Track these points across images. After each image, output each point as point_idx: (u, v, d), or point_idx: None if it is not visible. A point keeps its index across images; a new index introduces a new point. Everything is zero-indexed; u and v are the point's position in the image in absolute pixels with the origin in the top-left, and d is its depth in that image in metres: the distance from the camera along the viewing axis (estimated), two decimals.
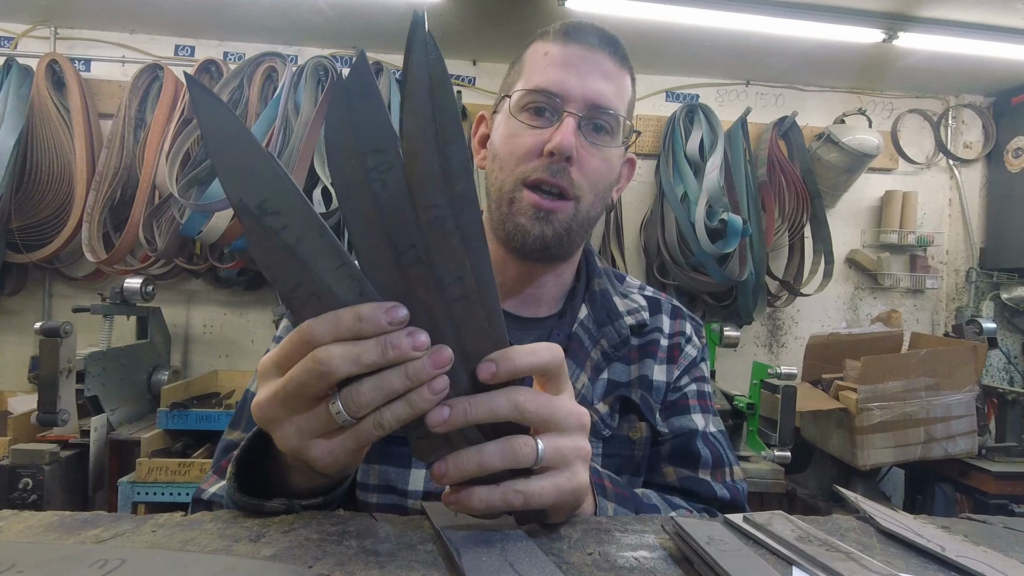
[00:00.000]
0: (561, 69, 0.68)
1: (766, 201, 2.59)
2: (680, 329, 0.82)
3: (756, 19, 2.17)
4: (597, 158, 0.69)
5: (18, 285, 2.40)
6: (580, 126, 0.68)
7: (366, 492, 0.67)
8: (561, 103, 0.67)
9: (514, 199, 0.69)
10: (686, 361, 0.80)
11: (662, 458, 0.75)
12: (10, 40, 2.45)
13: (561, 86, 0.67)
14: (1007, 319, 2.85)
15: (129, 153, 2.31)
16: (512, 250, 0.71)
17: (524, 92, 0.69)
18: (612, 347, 0.75)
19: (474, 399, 0.41)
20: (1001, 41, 2.29)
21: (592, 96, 0.68)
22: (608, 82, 0.69)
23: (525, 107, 0.69)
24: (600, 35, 0.71)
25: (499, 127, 0.73)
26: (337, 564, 0.39)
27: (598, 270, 0.81)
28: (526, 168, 0.68)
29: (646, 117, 2.72)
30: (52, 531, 0.43)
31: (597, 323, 0.75)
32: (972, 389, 2.04)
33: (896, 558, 0.46)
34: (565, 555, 0.44)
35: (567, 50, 0.69)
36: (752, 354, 2.79)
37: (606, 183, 0.72)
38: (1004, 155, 2.83)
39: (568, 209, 0.69)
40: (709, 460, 0.74)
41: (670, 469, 0.74)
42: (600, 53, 0.69)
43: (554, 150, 0.66)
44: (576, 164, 0.67)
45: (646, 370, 0.76)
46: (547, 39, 0.71)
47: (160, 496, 1.79)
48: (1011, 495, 1.98)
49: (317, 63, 2.37)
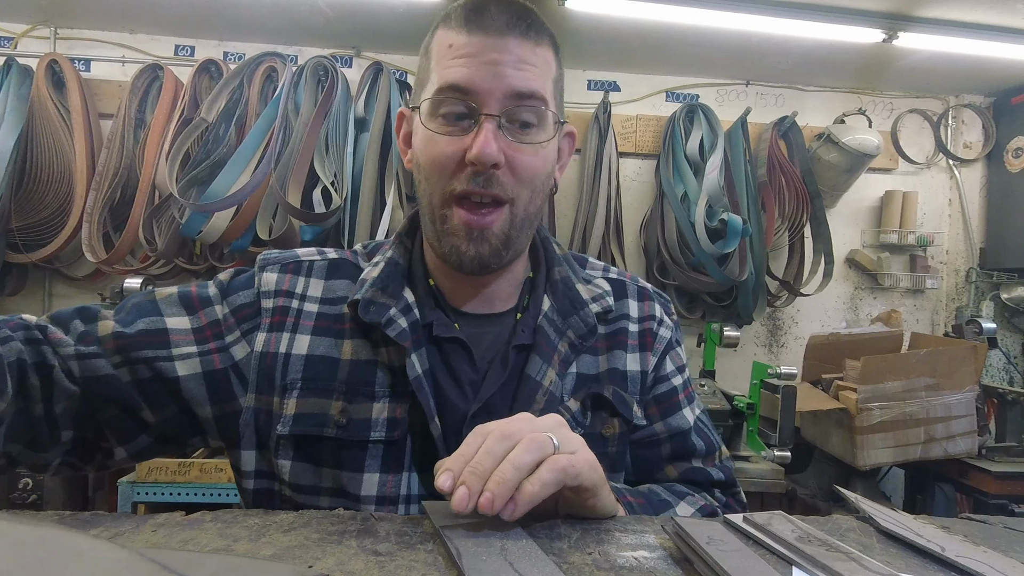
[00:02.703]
0: (470, 62, 0.61)
1: (766, 201, 2.59)
2: (650, 312, 0.78)
3: (756, 19, 2.16)
4: (526, 155, 0.63)
5: (18, 285, 2.40)
6: (501, 124, 0.62)
7: (317, 496, 0.65)
8: (475, 103, 0.61)
9: (445, 216, 0.64)
10: (662, 346, 0.77)
11: (663, 459, 0.76)
12: (10, 40, 2.45)
13: (472, 82, 0.61)
14: (1007, 319, 2.85)
15: (129, 153, 2.31)
16: (451, 267, 0.68)
17: (435, 94, 0.62)
18: (579, 338, 0.71)
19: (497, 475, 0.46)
20: (1001, 41, 2.29)
21: (508, 88, 0.61)
22: (524, 69, 0.62)
23: (439, 112, 0.63)
24: (506, 13, 0.62)
25: (417, 132, 0.66)
26: (337, 564, 0.39)
27: (557, 257, 0.76)
28: (451, 182, 0.63)
29: (646, 117, 2.72)
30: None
31: (562, 314, 0.71)
32: (972, 389, 2.04)
33: (896, 558, 0.46)
34: (565, 555, 0.44)
35: (472, 40, 0.61)
36: (752, 354, 2.79)
37: (542, 175, 0.67)
38: (1004, 155, 2.82)
39: (503, 216, 0.64)
40: (703, 450, 0.76)
41: (671, 467, 0.76)
42: (510, 37, 0.61)
43: (475, 160, 0.60)
44: (504, 167, 0.62)
45: (616, 362, 0.73)
46: (450, 25, 0.63)
47: (160, 496, 1.79)
48: (1011, 495, 1.98)
49: (317, 63, 2.37)
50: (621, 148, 2.66)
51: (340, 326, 0.68)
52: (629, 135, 2.70)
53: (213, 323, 0.67)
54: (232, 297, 0.69)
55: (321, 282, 0.71)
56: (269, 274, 0.70)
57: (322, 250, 0.75)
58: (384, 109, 2.34)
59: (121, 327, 0.63)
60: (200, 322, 0.67)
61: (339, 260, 0.74)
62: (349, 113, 2.32)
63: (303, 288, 0.70)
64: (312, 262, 0.72)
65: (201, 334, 0.66)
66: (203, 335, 0.66)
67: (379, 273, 0.68)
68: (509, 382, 0.67)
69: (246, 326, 0.68)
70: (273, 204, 2.24)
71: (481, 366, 0.68)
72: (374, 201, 2.31)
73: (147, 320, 0.65)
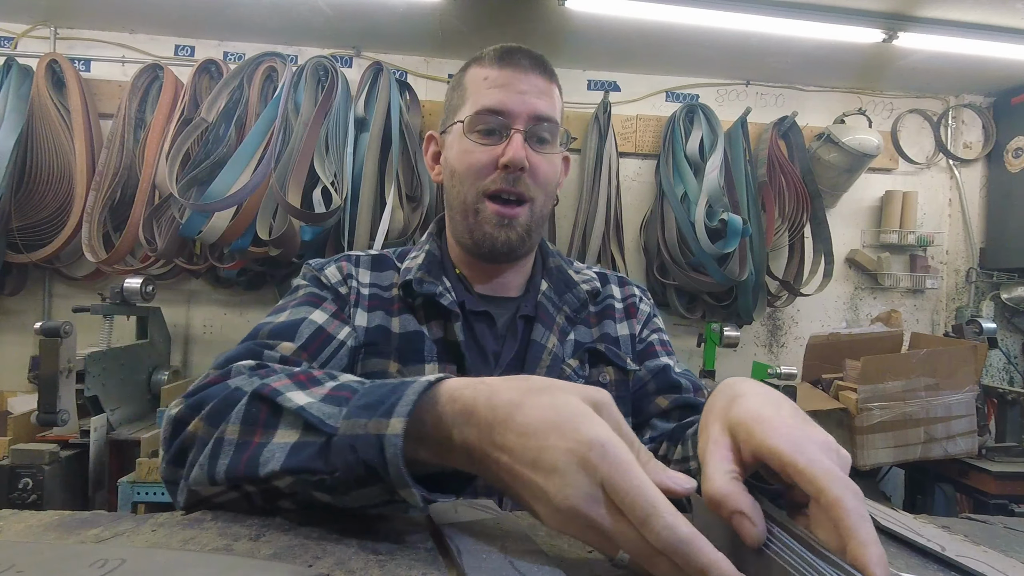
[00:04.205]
0: (502, 91, 0.79)
1: (766, 201, 2.59)
2: (630, 293, 0.95)
3: (756, 19, 2.16)
4: (544, 163, 0.81)
5: (18, 285, 2.40)
6: (526, 139, 0.79)
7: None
8: (507, 121, 0.78)
9: (478, 210, 0.80)
10: (643, 317, 0.93)
11: (651, 393, 0.86)
12: (10, 40, 2.45)
13: (505, 105, 0.78)
14: (1007, 319, 2.85)
15: (129, 153, 2.31)
16: (480, 256, 0.83)
17: (475, 114, 0.79)
18: (574, 311, 0.87)
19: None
20: (1001, 41, 2.29)
21: (532, 111, 0.79)
22: (543, 97, 0.80)
23: (476, 128, 0.79)
24: (530, 56, 0.81)
25: (453, 146, 0.82)
26: (337, 563, 0.39)
27: (551, 251, 0.94)
28: (485, 182, 0.79)
29: (646, 117, 2.73)
30: (52, 531, 0.43)
31: (557, 293, 0.87)
32: (972, 389, 2.04)
33: (896, 557, 0.46)
34: (565, 553, 0.44)
35: (504, 73, 0.80)
36: (752, 354, 2.79)
37: (554, 182, 0.84)
38: (1004, 155, 2.83)
39: (526, 212, 0.81)
40: (689, 386, 0.86)
41: (661, 399, 0.85)
42: (532, 73, 0.80)
43: (508, 163, 0.77)
44: (528, 172, 0.79)
45: (607, 329, 0.89)
46: (483, 64, 0.82)
47: (160, 496, 1.79)
48: (1011, 495, 1.98)
49: (317, 63, 2.37)
50: (621, 148, 2.66)
51: (390, 307, 0.82)
52: (629, 135, 2.70)
53: (335, 311, 0.79)
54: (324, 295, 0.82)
55: (368, 272, 0.86)
56: (328, 270, 0.84)
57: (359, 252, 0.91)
58: (384, 109, 2.34)
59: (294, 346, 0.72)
60: (332, 312, 0.79)
61: (380, 256, 0.89)
62: (349, 113, 2.32)
63: (356, 274, 0.84)
64: (358, 256, 0.87)
65: (339, 317, 0.79)
66: (340, 317, 0.79)
67: (422, 261, 0.84)
68: (519, 348, 0.82)
69: (346, 311, 0.81)
70: (273, 204, 2.24)
71: (498, 340, 0.83)
72: (374, 201, 2.31)
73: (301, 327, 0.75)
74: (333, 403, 0.47)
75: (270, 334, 0.72)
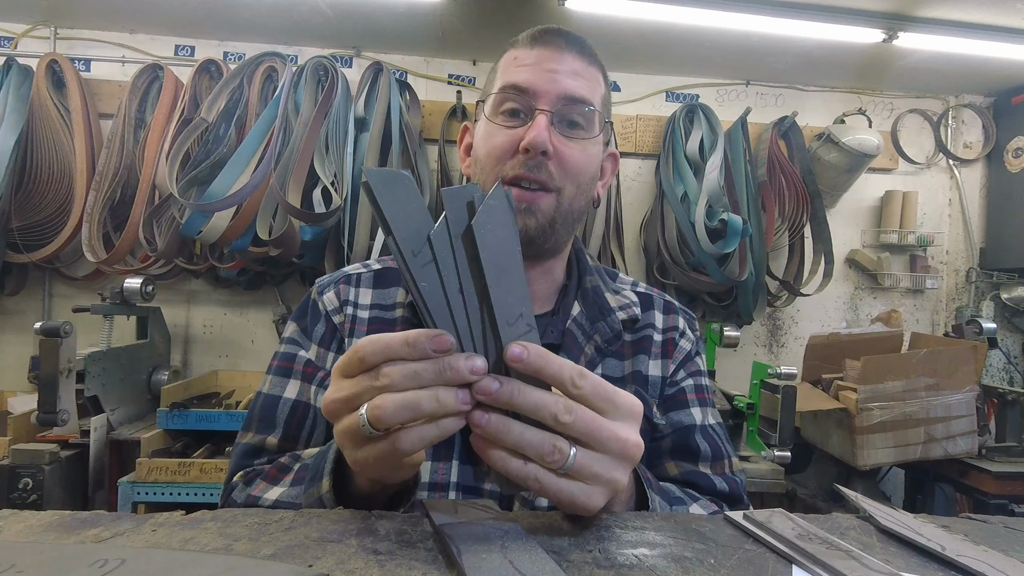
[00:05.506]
0: (531, 69, 0.71)
1: (766, 201, 2.59)
2: (673, 324, 0.82)
3: (756, 19, 2.16)
4: (574, 150, 0.71)
5: (18, 285, 2.40)
6: (553, 122, 0.70)
7: None
8: (532, 101, 0.70)
9: None
10: (681, 355, 0.81)
11: (663, 453, 0.76)
12: (10, 40, 2.45)
13: (531, 83, 0.70)
14: (1007, 319, 2.85)
15: (129, 153, 2.31)
16: None
17: (497, 93, 0.72)
18: (605, 342, 0.76)
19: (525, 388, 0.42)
20: (1001, 41, 2.29)
21: (562, 91, 0.70)
22: (577, 79, 0.72)
23: (500, 109, 0.72)
24: (567, 37, 0.74)
25: (479, 132, 0.75)
26: (337, 563, 0.39)
27: (589, 268, 0.82)
28: (504, 166, 0.70)
29: (646, 117, 2.73)
30: (52, 531, 0.43)
31: (590, 319, 0.77)
32: (972, 389, 2.04)
33: (896, 557, 0.46)
34: (565, 552, 0.44)
35: (535, 52, 0.72)
36: (752, 354, 2.79)
37: (587, 175, 0.74)
38: (1004, 155, 2.82)
39: (550, 201, 0.71)
40: (708, 454, 0.75)
41: (671, 464, 0.76)
42: (567, 53, 0.72)
43: (528, 146, 0.68)
44: (553, 158, 0.69)
45: (640, 366, 0.77)
46: (517, 46, 0.75)
47: (160, 496, 1.79)
48: (1011, 495, 1.98)
49: (317, 63, 2.37)
50: (621, 148, 2.66)
51: (392, 328, 0.74)
52: (629, 135, 2.70)
53: (307, 363, 0.77)
54: (313, 334, 0.78)
55: (370, 291, 0.79)
56: (328, 295, 0.79)
57: (366, 263, 0.84)
58: (384, 109, 2.34)
59: (276, 438, 0.74)
60: (303, 373, 0.77)
61: (384, 270, 0.81)
62: (349, 113, 2.32)
63: (355, 297, 0.78)
64: (359, 275, 0.81)
65: (309, 379, 0.76)
66: (310, 377, 0.76)
67: None
68: None
69: (335, 345, 0.77)
70: (273, 204, 2.24)
71: None
72: None
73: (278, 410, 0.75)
74: (298, 484, 0.61)
75: (258, 422, 0.75)
